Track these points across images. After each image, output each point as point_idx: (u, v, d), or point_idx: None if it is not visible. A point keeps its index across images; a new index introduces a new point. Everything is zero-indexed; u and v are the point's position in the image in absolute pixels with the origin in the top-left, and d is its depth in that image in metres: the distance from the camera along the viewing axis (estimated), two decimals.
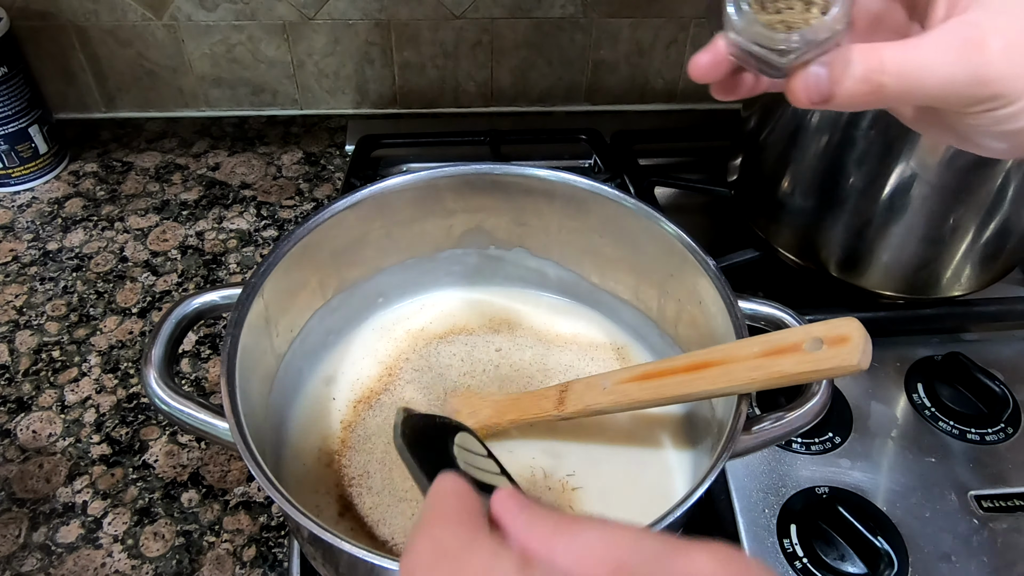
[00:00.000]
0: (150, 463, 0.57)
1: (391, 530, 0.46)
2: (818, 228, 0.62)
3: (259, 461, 0.38)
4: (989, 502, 0.51)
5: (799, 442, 0.54)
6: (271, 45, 0.86)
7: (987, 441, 0.55)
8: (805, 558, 0.48)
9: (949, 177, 0.54)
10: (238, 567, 0.51)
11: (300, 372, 0.54)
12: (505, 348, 0.58)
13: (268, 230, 0.77)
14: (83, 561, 0.51)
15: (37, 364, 0.64)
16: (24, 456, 0.57)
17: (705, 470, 0.38)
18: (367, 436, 0.52)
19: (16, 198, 0.80)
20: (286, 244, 0.49)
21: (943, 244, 0.58)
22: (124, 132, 0.88)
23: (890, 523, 0.50)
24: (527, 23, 0.85)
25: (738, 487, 0.52)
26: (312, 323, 0.54)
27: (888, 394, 0.58)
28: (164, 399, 0.42)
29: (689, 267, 0.49)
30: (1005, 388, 0.57)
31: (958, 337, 0.62)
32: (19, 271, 0.72)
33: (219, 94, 0.90)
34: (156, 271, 0.72)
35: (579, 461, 0.51)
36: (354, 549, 0.34)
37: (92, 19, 0.83)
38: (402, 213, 0.55)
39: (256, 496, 0.55)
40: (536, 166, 0.54)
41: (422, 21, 0.85)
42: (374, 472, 0.50)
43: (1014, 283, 0.66)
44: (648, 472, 0.51)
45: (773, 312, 0.47)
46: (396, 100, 0.92)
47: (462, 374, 0.56)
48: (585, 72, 0.90)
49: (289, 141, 0.88)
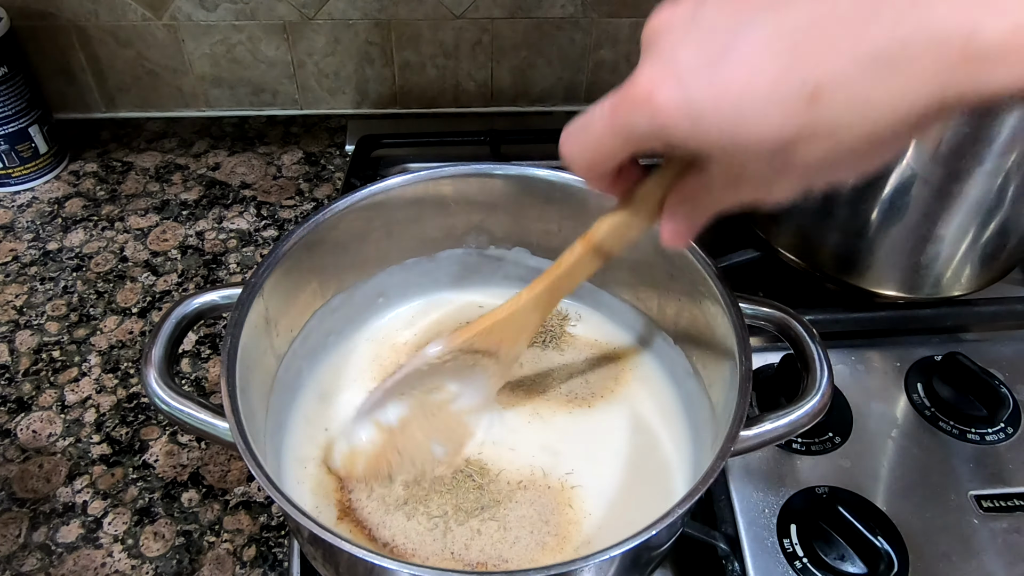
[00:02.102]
0: (150, 463, 0.57)
1: (391, 532, 0.46)
2: (818, 228, 0.62)
3: (259, 461, 0.38)
4: (989, 502, 0.51)
5: (799, 442, 0.54)
6: (271, 45, 0.86)
7: (987, 441, 0.55)
8: (805, 558, 0.48)
9: (949, 177, 0.54)
10: (238, 567, 0.51)
11: (300, 372, 0.54)
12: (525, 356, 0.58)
13: (268, 230, 0.77)
14: (83, 561, 0.51)
15: (37, 364, 0.64)
16: (24, 456, 0.57)
17: (705, 470, 0.38)
18: (368, 437, 0.52)
19: (16, 198, 0.80)
20: (286, 244, 0.49)
21: (943, 244, 0.58)
22: (124, 132, 0.88)
23: (890, 523, 0.50)
24: (527, 23, 0.85)
25: (738, 487, 0.52)
26: (312, 323, 0.54)
27: (888, 394, 0.58)
28: (164, 399, 0.42)
29: (689, 267, 0.49)
30: (1005, 388, 0.57)
31: (958, 337, 0.62)
32: (19, 271, 0.72)
33: (219, 94, 0.90)
34: (156, 271, 0.72)
35: (578, 460, 0.51)
36: (354, 549, 0.34)
37: (92, 19, 0.83)
38: (402, 213, 0.55)
39: (256, 496, 0.55)
40: (536, 166, 0.54)
41: (422, 21, 0.85)
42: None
43: (1014, 283, 0.66)
44: (648, 472, 0.51)
45: (773, 312, 0.47)
46: (396, 100, 0.92)
47: None
48: (585, 72, 0.90)
49: (289, 141, 0.88)
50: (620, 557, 0.36)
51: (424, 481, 0.49)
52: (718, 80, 0.26)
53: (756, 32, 0.26)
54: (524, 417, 0.53)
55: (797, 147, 0.27)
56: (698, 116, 0.27)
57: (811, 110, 0.25)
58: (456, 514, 0.47)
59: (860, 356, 0.60)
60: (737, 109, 0.26)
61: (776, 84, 0.25)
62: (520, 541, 0.46)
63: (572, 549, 0.46)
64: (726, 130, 0.27)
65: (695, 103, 0.27)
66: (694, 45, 0.27)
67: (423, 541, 0.46)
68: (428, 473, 0.49)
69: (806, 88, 0.25)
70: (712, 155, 0.29)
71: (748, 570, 0.47)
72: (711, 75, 0.27)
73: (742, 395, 0.41)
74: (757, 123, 0.26)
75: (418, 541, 0.46)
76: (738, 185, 0.30)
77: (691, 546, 0.49)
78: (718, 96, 0.26)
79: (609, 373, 0.56)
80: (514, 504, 0.48)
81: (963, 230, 0.57)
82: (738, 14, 0.26)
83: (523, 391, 0.55)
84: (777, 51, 0.25)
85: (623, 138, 0.31)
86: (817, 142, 0.26)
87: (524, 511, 0.48)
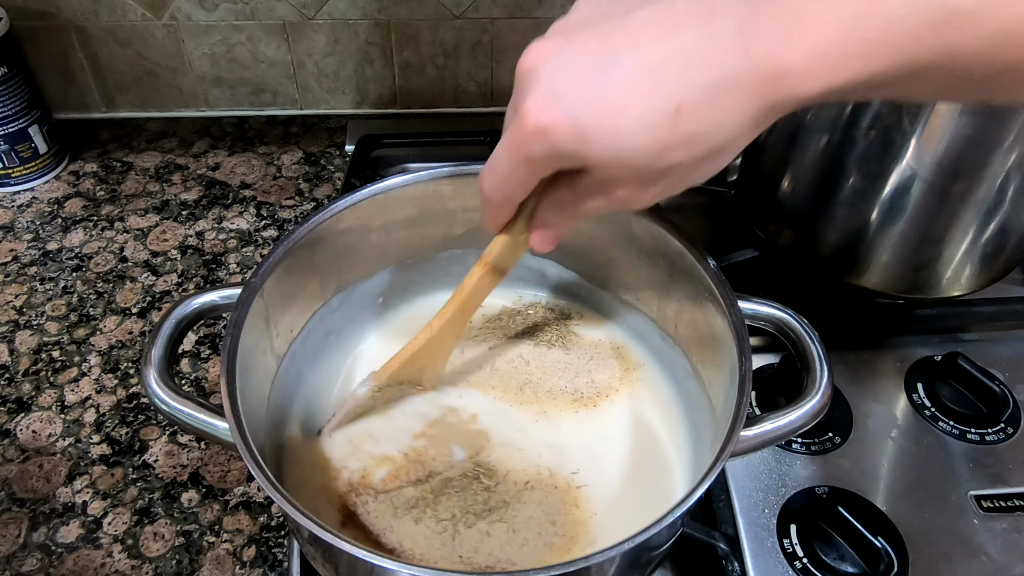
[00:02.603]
0: (150, 463, 0.57)
1: (398, 537, 0.46)
2: (818, 228, 0.62)
3: (259, 461, 0.38)
4: (989, 502, 0.51)
5: (799, 442, 0.54)
6: (271, 45, 0.86)
7: (987, 441, 0.55)
8: (805, 558, 0.48)
9: (949, 177, 0.54)
10: (238, 567, 0.51)
11: (300, 372, 0.54)
12: (504, 347, 0.58)
13: (268, 230, 0.77)
14: (83, 561, 0.51)
15: (37, 364, 0.64)
16: (24, 456, 0.57)
17: (705, 470, 0.38)
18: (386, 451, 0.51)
19: (16, 198, 0.80)
20: (286, 244, 0.49)
21: (943, 244, 0.58)
22: (124, 132, 0.88)
23: (890, 523, 0.50)
24: (527, 23, 0.85)
25: (738, 487, 0.52)
26: (312, 323, 0.54)
27: (888, 394, 0.58)
28: (164, 399, 0.42)
29: (689, 267, 0.49)
30: (1005, 388, 0.57)
31: (958, 337, 0.62)
32: (19, 271, 0.72)
33: (219, 94, 0.90)
34: (156, 271, 0.72)
35: (583, 459, 0.51)
36: (354, 549, 0.34)
37: (92, 19, 0.83)
38: (402, 213, 0.55)
39: (256, 496, 0.55)
40: None
41: (422, 21, 0.85)
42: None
43: (1014, 283, 0.66)
44: (648, 472, 0.51)
45: (773, 312, 0.47)
46: (396, 100, 0.92)
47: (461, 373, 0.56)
48: None
49: (289, 141, 0.88)
50: (620, 557, 0.36)
51: (434, 482, 0.49)
52: (597, 106, 0.31)
53: (622, 67, 0.31)
54: (531, 416, 0.53)
55: (664, 155, 0.32)
56: (582, 135, 0.32)
57: (675, 126, 0.31)
58: (464, 516, 0.47)
59: (860, 356, 0.60)
60: (616, 129, 0.31)
61: (645, 108, 0.31)
62: (528, 543, 0.46)
63: (579, 550, 0.46)
64: (608, 147, 0.32)
65: (580, 125, 0.32)
66: (569, 77, 0.32)
67: (431, 545, 0.45)
68: (442, 475, 0.49)
69: (669, 108, 0.31)
70: (593, 166, 0.34)
71: (748, 570, 0.47)
72: (590, 101, 0.31)
73: (742, 395, 0.41)
74: (633, 139, 0.32)
75: (426, 545, 0.45)
76: (611, 190, 0.35)
77: (691, 546, 0.49)
78: (599, 119, 0.31)
79: (612, 373, 0.56)
80: (521, 505, 0.48)
81: (963, 230, 0.57)
82: (603, 54, 0.32)
83: (530, 389, 0.55)
84: (641, 83, 0.31)
85: (525, 166, 0.35)
86: (681, 150, 0.32)
87: (532, 512, 0.47)
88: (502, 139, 0.36)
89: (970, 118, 0.50)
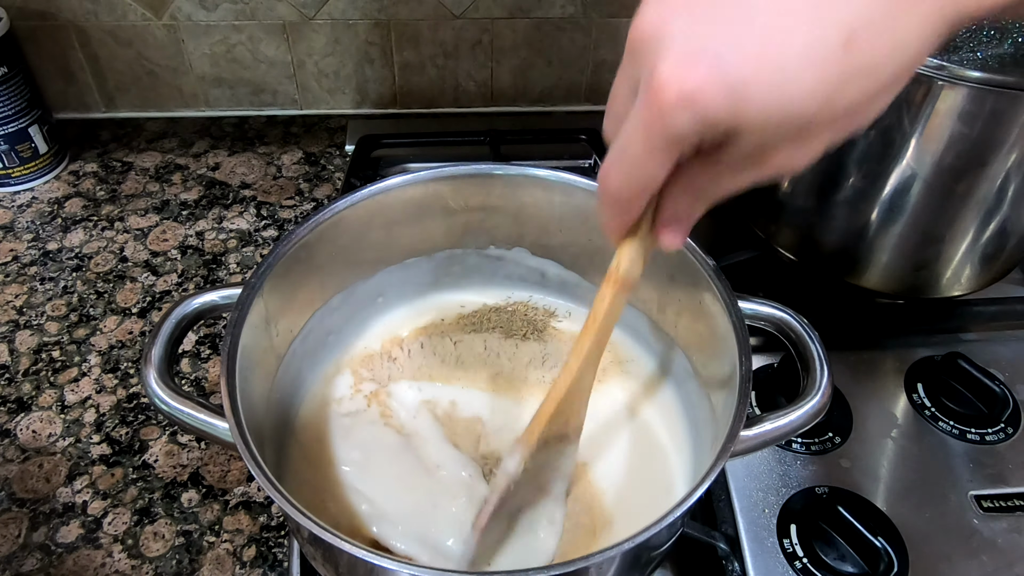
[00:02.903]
0: (150, 463, 0.57)
1: (406, 546, 0.45)
2: (818, 228, 0.62)
3: (259, 461, 0.38)
4: (989, 502, 0.51)
5: (799, 442, 0.54)
6: (271, 45, 0.86)
7: (987, 441, 0.55)
8: (805, 558, 0.48)
9: (949, 177, 0.54)
10: (238, 567, 0.51)
11: (300, 372, 0.54)
12: (504, 347, 0.58)
13: (268, 230, 0.77)
14: (83, 561, 0.51)
15: (37, 364, 0.64)
16: (24, 456, 0.57)
17: (705, 470, 0.38)
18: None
19: (16, 198, 0.80)
20: (286, 244, 0.49)
21: (943, 244, 0.58)
22: (124, 132, 0.88)
23: (890, 523, 0.50)
24: (527, 23, 0.85)
25: (738, 487, 0.52)
26: (312, 323, 0.54)
27: (888, 394, 0.58)
28: (164, 399, 0.42)
29: (689, 267, 0.49)
30: (1005, 388, 0.57)
31: (958, 337, 0.62)
32: (19, 271, 0.72)
33: (219, 94, 0.90)
34: (156, 271, 0.72)
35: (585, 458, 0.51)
36: (354, 549, 0.34)
37: (92, 19, 0.83)
38: (402, 213, 0.55)
39: (256, 496, 0.55)
40: (536, 166, 0.54)
41: (422, 21, 0.85)
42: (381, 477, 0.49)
43: (1014, 283, 0.66)
44: (649, 472, 0.51)
45: (773, 312, 0.47)
46: (396, 100, 0.92)
47: (461, 373, 0.56)
48: (585, 72, 0.90)
49: (289, 141, 0.88)
50: (620, 557, 0.36)
51: None
52: (750, 49, 0.26)
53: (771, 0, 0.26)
54: (511, 403, 0.54)
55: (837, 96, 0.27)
56: (738, 91, 0.26)
57: (848, 57, 0.26)
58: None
59: (860, 356, 0.60)
60: (780, 73, 0.26)
61: (810, 39, 0.25)
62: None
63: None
64: (771, 100, 0.26)
65: (733, 78, 0.26)
66: (709, 24, 0.26)
67: None
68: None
69: (840, 37, 0.25)
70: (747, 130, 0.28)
71: (748, 570, 0.47)
72: (742, 47, 0.26)
73: (742, 395, 0.41)
74: (800, 81, 0.26)
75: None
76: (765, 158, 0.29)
77: (691, 546, 0.49)
78: (757, 65, 0.26)
79: (614, 373, 0.56)
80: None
81: (963, 230, 0.57)
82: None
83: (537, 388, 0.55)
84: (802, 11, 0.25)
85: (664, 146, 0.29)
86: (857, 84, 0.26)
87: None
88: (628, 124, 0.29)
89: (970, 118, 0.50)
